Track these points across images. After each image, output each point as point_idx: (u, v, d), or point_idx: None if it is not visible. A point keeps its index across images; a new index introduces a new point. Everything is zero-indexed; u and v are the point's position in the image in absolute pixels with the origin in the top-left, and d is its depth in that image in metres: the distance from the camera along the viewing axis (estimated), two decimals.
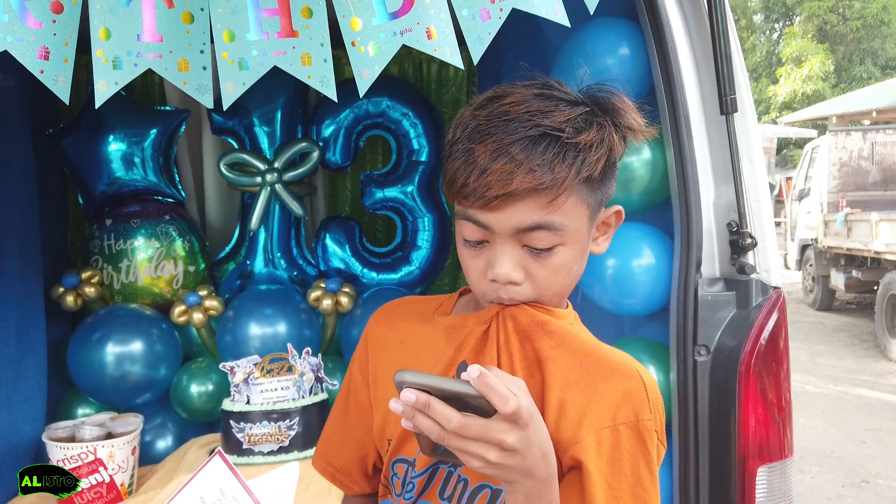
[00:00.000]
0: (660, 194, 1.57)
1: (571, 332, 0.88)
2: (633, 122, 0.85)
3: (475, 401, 0.67)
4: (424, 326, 0.96)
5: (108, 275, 2.40)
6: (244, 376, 2.10)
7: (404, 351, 0.96)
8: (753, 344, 1.37)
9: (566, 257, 0.84)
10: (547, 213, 0.79)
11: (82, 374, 2.25)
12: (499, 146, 0.78)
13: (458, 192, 0.82)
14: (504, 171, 0.77)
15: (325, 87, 1.24)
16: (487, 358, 0.88)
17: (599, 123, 0.82)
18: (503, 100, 0.82)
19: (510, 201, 0.79)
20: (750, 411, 1.39)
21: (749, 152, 1.44)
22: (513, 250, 0.83)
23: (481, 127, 0.80)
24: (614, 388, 0.84)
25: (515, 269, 0.83)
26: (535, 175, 0.77)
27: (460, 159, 0.81)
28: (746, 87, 1.43)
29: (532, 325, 0.87)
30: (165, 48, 1.19)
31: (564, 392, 0.84)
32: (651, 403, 0.84)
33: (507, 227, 0.81)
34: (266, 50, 1.22)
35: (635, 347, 1.63)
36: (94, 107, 2.38)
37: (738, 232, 1.42)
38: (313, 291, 2.43)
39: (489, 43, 1.27)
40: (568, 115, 0.80)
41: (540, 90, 0.83)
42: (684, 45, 1.43)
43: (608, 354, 0.87)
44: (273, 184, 2.41)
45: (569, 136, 0.78)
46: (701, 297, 1.44)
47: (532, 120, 0.79)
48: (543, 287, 0.85)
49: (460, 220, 0.85)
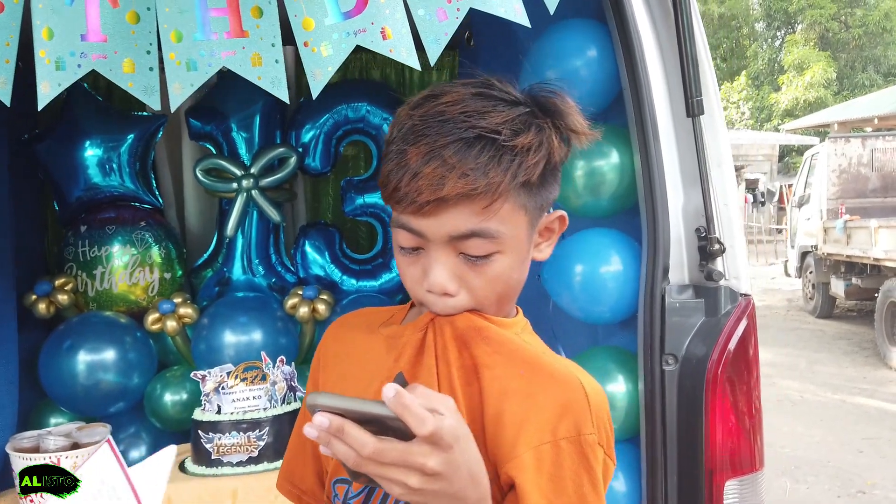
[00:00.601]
0: (629, 199, 1.53)
1: (512, 339, 0.84)
2: (575, 124, 0.82)
3: (394, 423, 0.62)
4: (369, 337, 0.93)
5: (83, 282, 2.37)
6: (215, 385, 2.07)
7: (350, 363, 0.93)
8: (721, 352, 1.33)
9: (504, 266, 0.80)
10: (482, 220, 0.76)
11: (53, 383, 2.22)
12: (431, 148, 0.74)
13: (391, 197, 0.78)
14: (435, 176, 0.73)
15: (276, 88, 1.21)
16: (424, 368, 0.84)
17: (539, 125, 0.78)
18: (439, 99, 0.78)
19: (443, 207, 0.75)
20: (718, 422, 1.35)
21: (718, 156, 1.41)
22: (447, 258, 0.79)
23: (416, 127, 0.77)
24: (553, 398, 0.79)
25: (450, 279, 0.79)
26: (468, 180, 0.73)
27: (394, 161, 0.77)
28: (715, 89, 1.40)
29: (469, 331, 0.83)
30: (110, 48, 1.16)
31: (501, 403, 0.80)
32: (594, 416, 0.79)
33: (440, 235, 0.77)
34: (214, 50, 1.19)
35: (605, 356, 1.59)
36: (70, 112, 2.37)
37: (707, 238, 1.39)
38: (290, 299, 2.40)
39: (446, 43, 1.24)
40: (506, 116, 0.76)
41: (479, 89, 0.79)
42: (652, 46, 1.40)
43: (550, 363, 0.83)
44: (249, 189, 2.38)
45: (506, 139, 0.75)
46: (668, 304, 1.40)
47: (468, 121, 0.75)
48: (481, 297, 0.82)
49: (394, 227, 0.82)
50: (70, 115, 2.37)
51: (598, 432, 0.79)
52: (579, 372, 0.84)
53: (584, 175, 1.54)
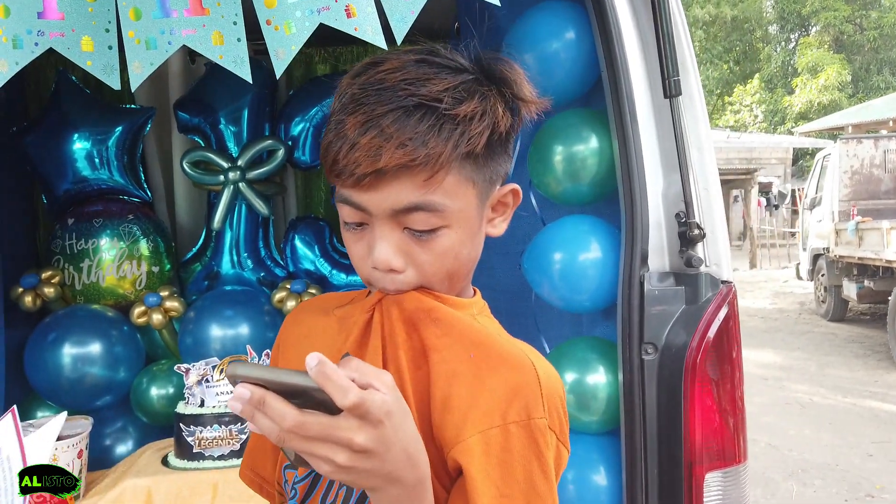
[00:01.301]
0: (608, 185, 1.49)
1: (462, 320, 0.80)
2: (523, 91, 0.78)
3: (319, 395, 0.58)
4: (325, 319, 0.90)
5: (70, 275, 2.35)
6: (198, 378, 2.04)
7: (307, 346, 0.89)
8: (700, 340, 1.29)
9: (452, 240, 0.77)
10: (425, 193, 0.73)
11: (39, 376, 2.21)
12: (369, 118, 0.71)
13: (331, 170, 0.75)
14: (372, 146, 0.70)
15: (238, 67, 1.19)
16: (370, 349, 0.80)
17: (483, 94, 0.75)
18: (380, 66, 0.75)
19: (383, 180, 0.72)
20: (697, 412, 1.30)
21: (698, 139, 1.37)
22: (392, 233, 0.76)
23: (355, 96, 0.74)
24: (504, 381, 0.76)
25: (395, 254, 0.76)
26: (406, 150, 0.70)
27: (332, 132, 0.74)
28: (694, 70, 1.36)
29: (418, 313, 0.80)
30: (68, 26, 1.14)
31: (450, 386, 0.76)
32: (546, 399, 0.76)
33: (382, 209, 0.74)
34: (174, 28, 1.17)
35: (586, 347, 1.55)
36: (57, 105, 2.36)
37: (686, 223, 1.34)
38: (278, 293, 2.37)
39: (412, 22, 1.21)
40: (448, 83, 0.73)
41: (421, 56, 0.76)
42: (630, 26, 1.36)
43: (502, 345, 0.79)
44: (236, 182, 2.36)
45: (447, 107, 0.71)
46: (647, 291, 1.35)
47: (408, 89, 0.72)
48: (429, 273, 0.78)
49: (338, 202, 0.79)
50: (58, 108, 2.36)
51: (549, 416, 0.76)
52: (533, 355, 0.81)
53: (563, 161, 1.50)
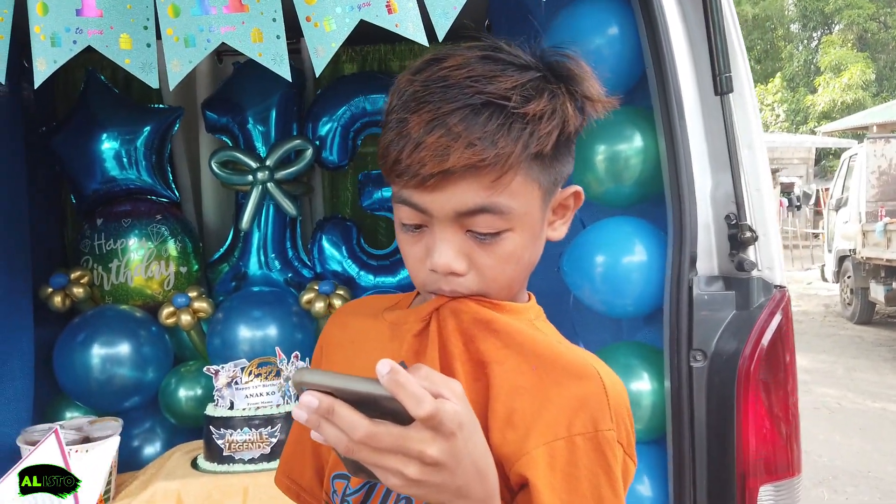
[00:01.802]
0: (653, 185, 1.44)
1: (522, 330, 0.77)
2: (591, 90, 0.75)
3: (390, 404, 0.55)
4: (374, 323, 0.87)
5: (98, 275, 2.35)
6: (227, 380, 2.02)
7: (353, 351, 0.87)
8: (754, 347, 1.24)
9: (515, 244, 0.74)
10: (491, 194, 0.70)
11: (68, 377, 2.20)
12: (434, 116, 0.68)
13: (391, 170, 0.72)
14: (439, 146, 0.67)
15: (278, 65, 1.16)
16: (427, 359, 0.77)
17: (552, 91, 0.71)
18: (442, 63, 0.72)
19: (448, 180, 0.69)
20: (751, 423, 1.25)
21: (749, 137, 1.31)
22: (454, 236, 0.73)
23: (417, 94, 0.70)
24: (569, 392, 0.72)
25: (457, 257, 0.73)
26: (475, 150, 0.67)
27: (394, 131, 0.71)
28: (745, 65, 1.30)
29: (475, 324, 0.76)
30: (106, 24, 1.12)
31: (512, 399, 0.73)
32: (613, 410, 0.72)
33: (446, 210, 0.71)
34: (213, 26, 1.14)
35: (629, 353, 1.50)
36: (85, 104, 2.35)
37: (737, 225, 1.29)
38: (306, 294, 2.35)
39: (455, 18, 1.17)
40: (516, 80, 0.70)
41: (485, 52, 0.73)
42: (677, 20, 1.31)
43: (565, 355, 0.75)
44: (265, 182, 2.33)
45: (515, 105, 0.69)
46: (696, 296, 1.31)
47: (474, 86, 0.69)
48: (490, 278, 0.75)
49: (395, 203, 0.75)
50: (86, 107, 2.36)
51: (617, 428, 0.72)
52: (597, 363, 0.77)
53: (605, 160, 1.46)
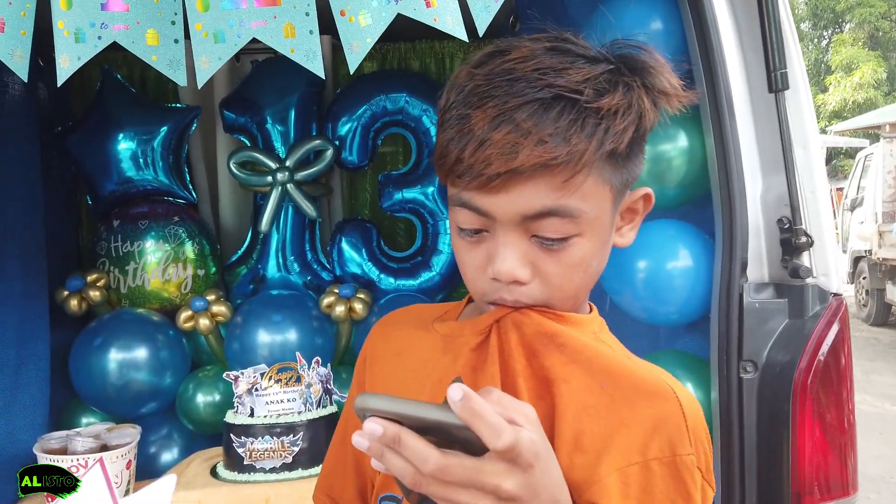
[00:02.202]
0: (698, 187, 1.38)
1: (590, 344, 0.71)
2: (666, 84, 0.69)
3: (461, 433, 0.51)
4: (423, 335, 0.81)
5: (115, 278, 2.30)
6: (248, 386, 1.97)
7: (400, 364, 0.82)
8: (811, 360, 1.18)
9: (584, 251, 0.68)
10: (561, 196, 0.65)
11: (84, 382, 2.16)
12: (501, 111, 0.63)
13: (451, 170, 0.66)
14: (507, 143, 0.62)
15: (311, 61, 1.10)
16: (486, 375, 0.72)
17: (627, 84, 0.66)
18: (507, 55, 0.66)
19: (515, 181, 0.64)
20: (806, 439, 1.19)
21: (803, 137, 1.25)
22: (518, 242, 0.68)
23: (480, 89, 0.65)
24: (644, 413, 0.67)
25: (521, 265, 0.68)
26: (547, 147, 0.62)
27: (454, 128, 0.66)
28: (799, 60, 1.24)
29: (539, 337, 0.71)
30: (132, 18, 1.06)
31: (580, 421, 0.67)
32: (691, 433, 0.67)
33: (511, 214, 0.66)
34: (244, 20, 1.08)
35: (670, 361, 1.44)
36: (101, 103, 2.30)
37: (791, 229, 1.23)
38: (326, 297, 2.29)
39: (496, 12, 1.12)
40: (587, 73, 0.64)
41: (553, 44, 0.67)
42: (725, 13, 1.25)
43: (636, 371, 0.70)
44: (284, 183, 2.28)
45: (588, 100, 0.63)
46: (747, 304, 1.24)
47: (543, 79, 0.64)
48: (555, 287, 0.70)
49: (454, 206, 0.70)
50: (102, 107, 2.31)
51: (696, 452, 0.66)
52: (671, 380, 0.71)
53: (648, 161, 1.38)
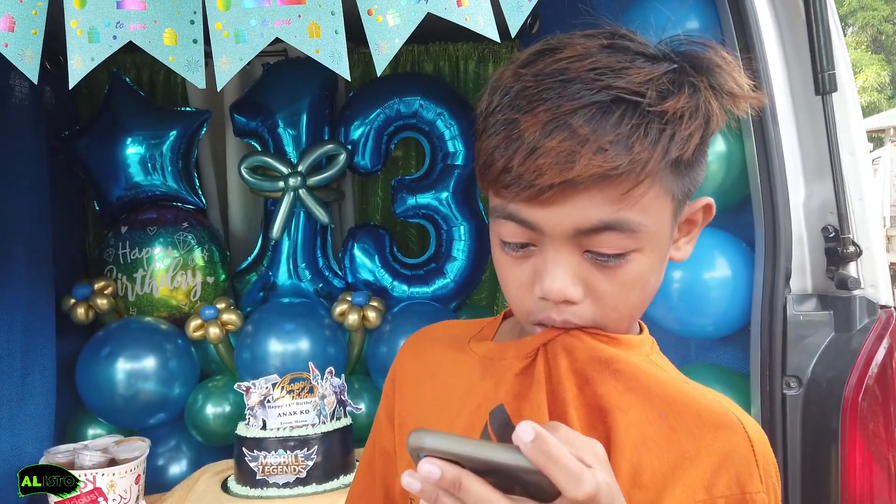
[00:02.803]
0: (736, 194, 1.32)
1: (647, 370, 0.66)
2: (734, 84, 0.62)
3: (531, 476, 0.46)
4: (458, 356, 0.76)
5: (123, 285, 2.24)
6: (260, 398, 1.91)
7: (433, 387, 0.76)
8: (861, 375, 1.11)
9: (642, 267, 0.63)
10: (620, 209, 0.59)
11: (91, 392, 2.10)
12: (554, 116, 0.57)
13: (497, 180, 0.60)
14: (563, 151, 0.56)
15: (336, 63, 1.05)
16: (532, 404, 0.65)
17: (693, 85, 0.60)
18: (558, 53, 0.60)
19: (570, 192, 0.58)
20: (856, 458, 1.13)
21: (850, 142, 1.19)
22: (570, 257, 0.61)
23: (528, 91, 0.59)
24: (708, 447, 0.61)
25: (573, 283, 0.62)
26: (607, 155, 0.56)
27: (500, 134, 0.60)
28: (846, 62, 1.18)
29: (593, 363, 0.65)
30: (149, 17, 1.01)
31: (639, 454, 0.62)
32: (761, 468, 0.62)
33: (563, 227, 0.60)
34: (266, 19, 1.03)
35: (704, 375, 1.38)
36: (109, 107, 2.25)
37: (838, 238, 1.17)
38: (339, 305, 2.24)
39: (529, 13, 1.06)
40: (649, 73, 0.59)
41: (609, 41, 0.61)
42: (766, 9, 1.19)
43: (699, 400, 0.64)
44: (296, 189, 2.23)
45: (652, 102, 0.57)
46: (790, 316, 1.18)
47: (600, 80, 0.58)
48: (610, 307, 0.64)
49: (497, 218, 0.64)
50: (110, 111, 2.26)
51: (766, 490, 0.61)
52: (737, 410, 0.65)
53: None
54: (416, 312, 2.27)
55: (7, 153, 1.98)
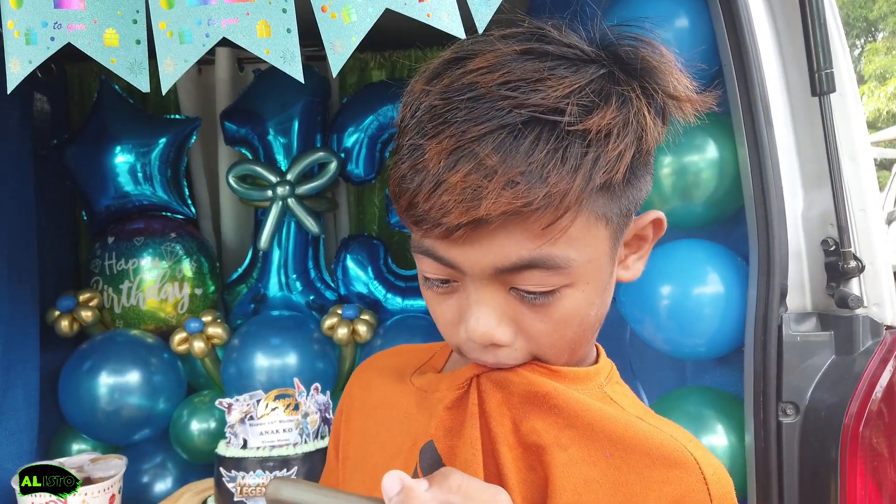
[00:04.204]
0: (730, 204, 1.23)
1: (591, 406, 0.58)
2: (677, 87, 0.56)
3: None
4: (398, 387, 0.70)
5: (109, 297, 2.20)
6: (241, 416, 1.84)
7: (376, 421, 0.70)
8: (863, 402, 1.01)
9: (576, 303, 0.56)
10: (541, 245, 0.53)
11: (73, 407, 2.05)
12: (458, 143, 0.50)
13: (405, 214, 0.54)
14: (467, 186, 0.50)
15: (287, 63, 0.98)
16: (465, 441, 0.59)
17: (622, 95, 0.53)
18: (468, 63, 0.53)
19: (482, 231, 0.52)
20: (857, 492, 1.03)
21: (851, 147, 1.09)
22: (493, 296, 0.56)
23: (435, 111, 0.52)
24: (658, 489, 0.54)
25: (499, 324, 0.56)
26: (517, 190, 0.50)
27: (405, 163, 0.53)
28: (847, 60, 1.09)
29: (528, 399, 0.58)
30: (89, 17, 0.95)
31: (580, 496, 0.55)
32: None
33: (481, 267, 0.54)
34: (213, 18, 0.96)
35: (698, 399, 1.28)
36: (97, 115, 2.21)
37: (839, 252, 1.07)
38: (328, 319, 2.17)
39: (496, 7, 0.99)
40: (570, 84, 0.51)
41: (526, 45, 0.53)
42: (760, 5, 1.10)
43: (650, 437, 0.57)
44: (285, 198, 2.17)
45: (572, 121, 0.50)
46: (786, 337, 1.09)
47: (512, 97, 0.50)
48: (546, 346, 0.58)
49: (416, 253, 0.58)
50: (99, 119, 2.22)
51: None
52: (693, 445, 0.58)
53: (672, 174, 1.25)
54: (408, 326, 2.19)
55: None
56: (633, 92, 0.53)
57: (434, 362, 0.71)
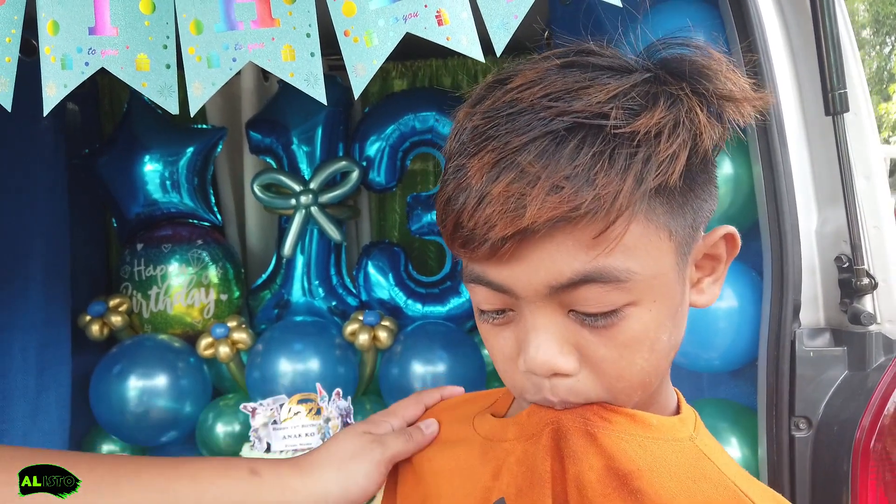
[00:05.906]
0: (744, 219, 1.24)
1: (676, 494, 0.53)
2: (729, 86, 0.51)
3: None
4: (463, 430, 0.66)
5: (138, 302, 2.26)
6: (264, 420, 1.89)
7: (441, 479, 0.65)
8: (875, 417, 1.02)
9: (644, 323, 0.51)
10: (596, 255, 0.49)
11: (103, 409, 2.12)
12: (500, 155, 0.48)
13: (453, 238, 0.52)
14: (511, 195, 0.47)
15: (311, 86, 1.01)
16: (535, 498, 0.55)
17: (671, 95, 0.49)
18: (509, 83, 0.51)
19: (530, 244, 0.49)
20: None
21: (866, 165, 1.10)
22: (552, 320, 0.51)
23: (478, 130, 0.51)
24: None
25: (561, 351, 0.51)
26: (563, 194, 0.46)
27: (450, 184, 0.52)
28: (861, 80, 1.09)
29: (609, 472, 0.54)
30: (121, 43, 0.99)
31: None
32: None
33: (534, 287, 0.50)
34: (239, 43, 1.00)
35: (713, 412, 1.30)
36: (127, 125, 2.27)
37: (852, 269, 1.08)
38: (350, 325, 2.21)
39: (514, 31, 1.01)
40: (614, 88, 0.49)
41: (568, 59, 0.52)
42: (776, 25, 1.12)
43: None
44: (308, 206, 2.21)
45: (617, 124, 0.47)
46: (799, 352, 1.10)
47: (554, 106, 0.48)
48: (613, 377, 0.53)
49: (469, 283, 0.55)
50: (129, 129, 2.29)
51: None
52: None
53: None
54: (428, 333, 2.22)
55: (26, 173, 2.02)
56: (684, 91, 0.50)
57: (498, 406, 0.67)
